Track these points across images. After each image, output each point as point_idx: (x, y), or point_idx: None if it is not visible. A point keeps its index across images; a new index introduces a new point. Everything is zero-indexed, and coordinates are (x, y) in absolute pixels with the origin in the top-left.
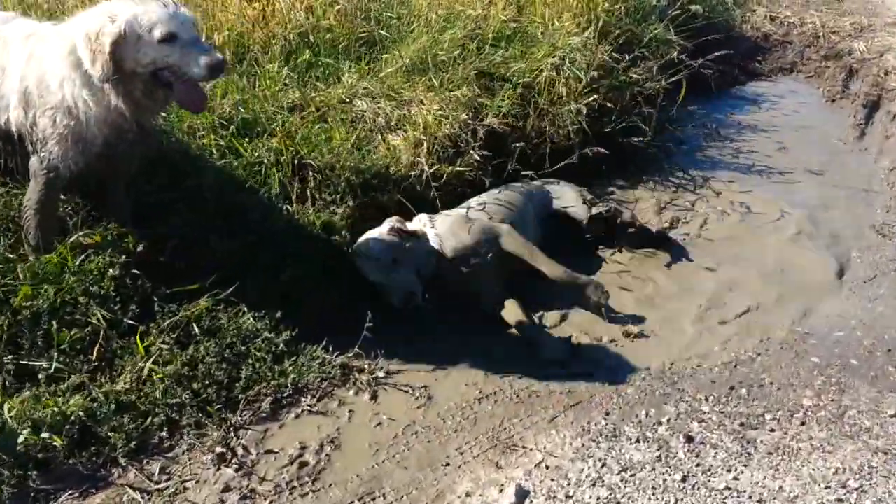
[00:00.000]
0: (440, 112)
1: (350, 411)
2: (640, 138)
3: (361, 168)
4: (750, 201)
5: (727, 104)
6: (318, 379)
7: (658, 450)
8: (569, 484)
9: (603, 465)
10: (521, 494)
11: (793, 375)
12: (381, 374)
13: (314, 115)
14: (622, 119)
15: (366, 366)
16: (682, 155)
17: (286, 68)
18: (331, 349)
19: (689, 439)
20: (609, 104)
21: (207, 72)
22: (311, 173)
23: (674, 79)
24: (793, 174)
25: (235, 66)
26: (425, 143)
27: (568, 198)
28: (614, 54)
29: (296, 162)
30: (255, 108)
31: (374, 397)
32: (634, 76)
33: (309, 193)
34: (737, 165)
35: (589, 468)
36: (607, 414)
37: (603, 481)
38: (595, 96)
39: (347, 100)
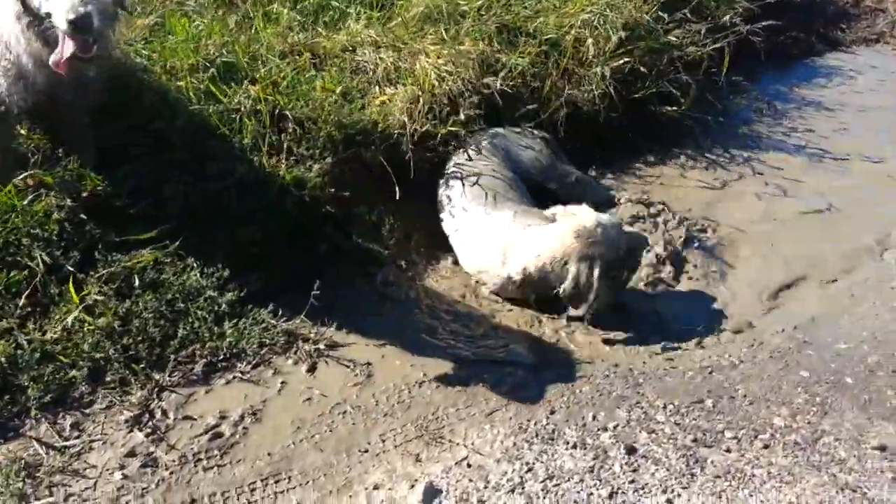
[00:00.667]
0: (445, 67)
1: (283, 382)
2: (676, 108)
3: (345, 122)
4: (790, 187)
5: (795, 76)
6: (258, 344)
7: (594, 459)
8: (486, 487)
9: (529, 470)
10: (431, 494)
11: (772, 389)
12: (323, 346)
13: (307, 62)
14: (656, 85)
15: (311, 335)
16: (722, 130)
17: (292, 11)
18: (279, 313)
19: (631, 451)
20: (643, 68)
21: (67, 25)
22: (290, 125)
23: (716, 45)
24: (848, 161)
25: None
26: (421, 100)
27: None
28: (661, 13)
29: (275, 112)
30: (238, 51)
31: (311, 370)
32: (674, 39)
33: (286, 146)
34: (786, 146)
35: (513, 472)
36: (552, 412)
37: (523, 488)
38: (627, 59)
39: (350, 48)
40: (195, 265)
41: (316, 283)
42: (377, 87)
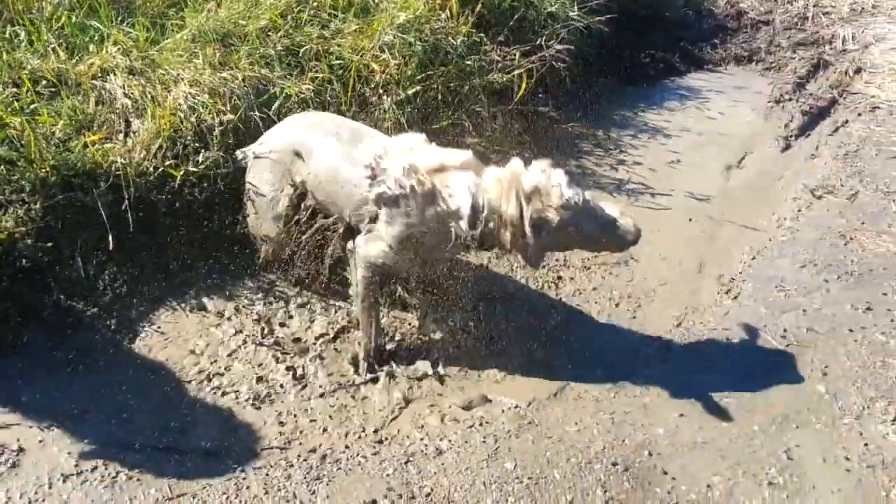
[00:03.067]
0: (200, 97)
1: None
2: (479, 139)
3: (60, 163)
4: None
5: (647, 99)
6: None
7: None
8: None
9: None
10: None
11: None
12: None
13: (31, 93)
14: (455, 115)
15: None
16: None
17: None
18: None
19: None
20: (448, 96)
21: None
22: None
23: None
24: (670, 197)
25: None
26: (163, 135)
27: None
28: (478, 35)
29: None
30: None
31: None
32: (484, 63)
33: None
34: (608, 181)
35: None
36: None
37: None
38: (425, 85)
39: (100, 75)
40: None
41: None
42: (124, 121)
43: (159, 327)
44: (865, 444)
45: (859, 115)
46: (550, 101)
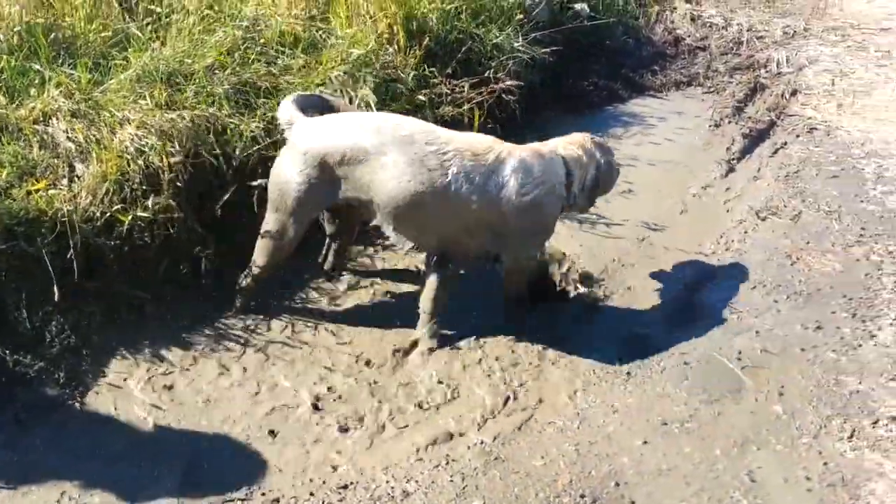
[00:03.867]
0: (147, 139)
1: None
2: None
3: (3, 211)
4: None
5: (591, 126)
6: None
7: None
8: None
9: None
10: None
11: None
12: None
13: None
14: None
15: None
16: None
17: None
18: None
19: None
20: None
21: None
22: None
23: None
24: (622, 227)
25: None
26: (109, 179)
27: None
28: (428, 68)
29: None
30: None
31: None
32: (428, 96)
33: None
34: None
35: None
36: None
37: None
38: None
39: (41, 118)
40: None
41: None
42: (67, 166)
43: (111, 380)
44: (825, 463)
45: (797, 136)
46: (500, 131)
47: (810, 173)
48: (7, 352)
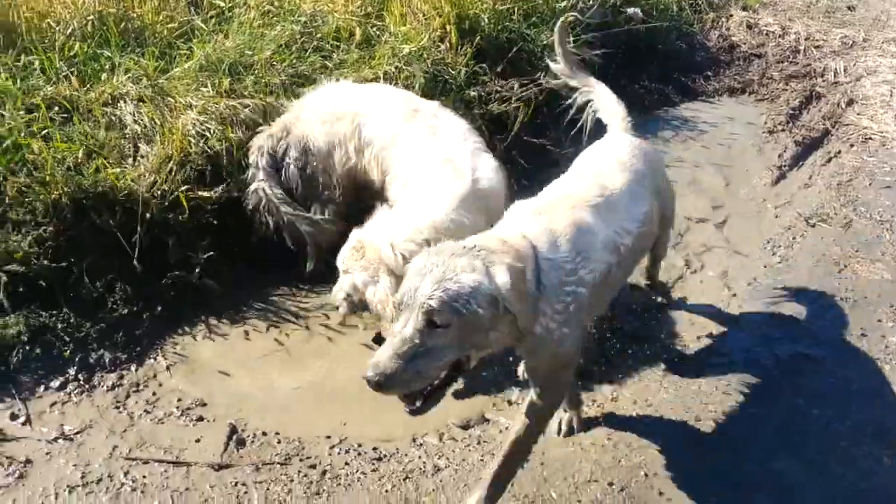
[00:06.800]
0: (207, 124)
1: None
2: None
3: (73, 187)
4: None
5: (642, 129)
6: None
7: None
8: None
9: None
10: None
11: None
12: None
13: (45, 117)
14: None
15: None
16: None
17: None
18: None
19: None
20: None
21: None
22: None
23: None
24: None
25: None
26: (174, 159)
27: None
28: (479, 65)
29: None
30: None
31: None
32: (474, 93)
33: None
34: None
35: None
36: None
37: None
38: None
39: (111, 102)
40: None
41: None
42: (132, 145)
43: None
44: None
45: (852, 146)
46: (550, 130)
47: (863, 183)
48: (69, 318)
